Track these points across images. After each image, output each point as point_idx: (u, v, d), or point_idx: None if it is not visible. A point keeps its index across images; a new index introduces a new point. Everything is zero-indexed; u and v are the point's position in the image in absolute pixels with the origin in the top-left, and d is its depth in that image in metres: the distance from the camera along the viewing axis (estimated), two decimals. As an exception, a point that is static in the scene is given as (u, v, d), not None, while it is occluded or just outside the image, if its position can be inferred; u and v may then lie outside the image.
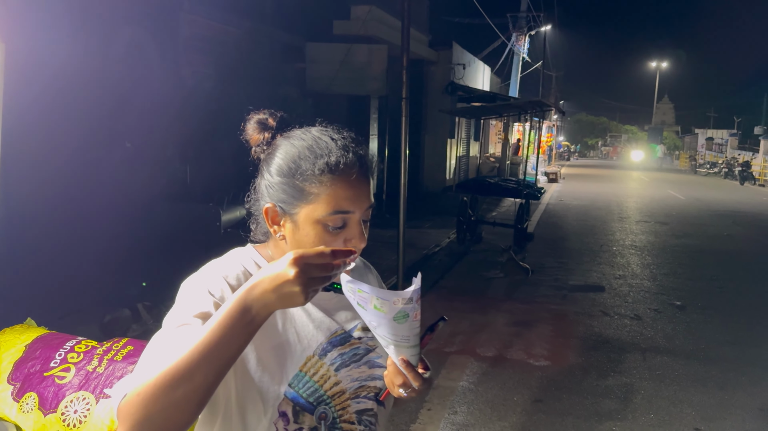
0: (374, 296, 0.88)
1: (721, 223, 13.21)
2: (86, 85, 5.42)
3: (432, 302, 6.34)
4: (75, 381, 1.67)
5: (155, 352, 0.89)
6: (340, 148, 1.00)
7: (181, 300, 0.98)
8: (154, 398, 0.81)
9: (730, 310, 6.45)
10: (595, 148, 64.82)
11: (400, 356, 0.97)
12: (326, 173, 0.98)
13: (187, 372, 0.81)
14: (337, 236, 0.99)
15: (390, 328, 0.91)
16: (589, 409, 3.99)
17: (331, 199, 0.98)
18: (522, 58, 24.93)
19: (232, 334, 0.83)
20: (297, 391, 1.00)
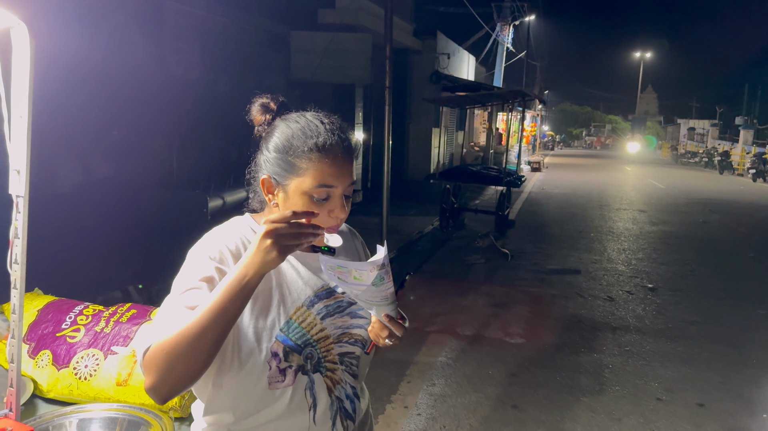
0: (353, 269, 1.05)
1: (697, 211, 13.57)
2: (72, 74, 5.52)
3: (414, 285, 6.56)
4: (85, 340, 1.86)
5: (171, 312, 1.08)
6: (328, 131, 1.19)
7: (188, 266, 1.16)
8: (175, 352, 1.00)
9: (699, 292, 6.75)
10: (579, 138, 65.29)
11: (383, 313, 1.15)
12: (314, 151, 1.16)
13: (201, 331, 1.00)
14: (322, 207, 1.17)
15: (370, 293, 1.09)
16: (560, 382, 4.23)
17: (317, 174, 1.16)
18: (506, 47, 25.14)
19: (233, 296, 1.02)
20: (287, 335, 1.19)
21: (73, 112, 5.49)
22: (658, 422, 3.69)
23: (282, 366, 1.18)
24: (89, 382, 1.81)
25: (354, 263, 1.06)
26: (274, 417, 1.19)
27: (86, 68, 5.77)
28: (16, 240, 1.30)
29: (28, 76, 1.25)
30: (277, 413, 1.19)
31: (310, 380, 1.21)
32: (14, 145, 1.28)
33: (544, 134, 44.58)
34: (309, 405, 1.21)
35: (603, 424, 3.63)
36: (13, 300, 1.33)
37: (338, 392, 1.24)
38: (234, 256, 1.17)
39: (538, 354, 4.76)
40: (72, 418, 1.72)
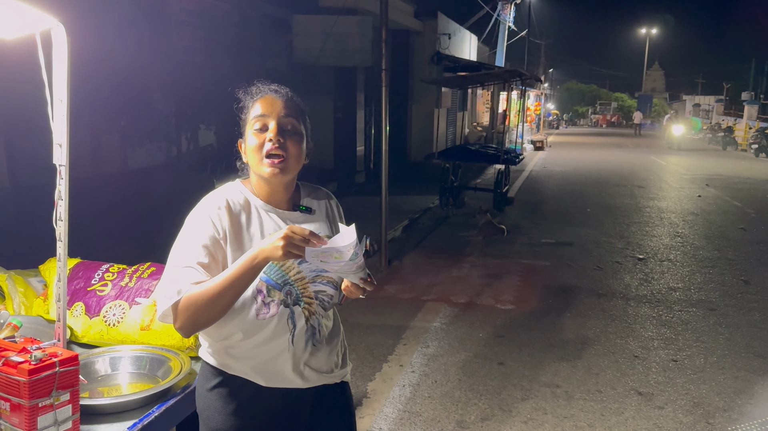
0: (334, 252, 1.34)
1: (695, 186, 13.78)
2: (80, 60, 5.80)
3: (413, 259, 6.89)
4: (112, 293, 2.19)
5: (185, 265, 1.41)
6: (264, 87, 1.54)
7: (191, 224, 1.47)
8: (200, 307, 1.37)
9: (685, 262, 7.03)
10: (585, 116, 65.05)
11: (359, 277, 1.44)
12: (252, 98, 1.52)
13: (220, 294, 1.36)
14: (262, 135, 1.48)
15: (347, 266, 1.37)
16: (544, 342, 4.55)
17: (254, 110, 1.51)
18: (508, 26, 25.15)
19: (245, 271, 1.36)
20: (269, 276, 1.50)
21: (81, 98, 5.77)
22: (632, 375, 4.00)
23: (266, 301, 1.49)
24: (117, 328, 2.14)
25: (334, 247, 1.33)
26: (261, 341, 1.51)
27: (93, 54, 6.05)
28: (59, 202, 1.61)
29: (66, 67, 1.55)
30: (264, 337, 1.51)
31: (290, 311, 1.52)
32: (56, 123, 1.58)
33: (549, 113, 44.51)
34: (290, 331, 1.53)
35: (581, 377, 3.95)
36: (59, 251, 1.64)
37: (312, 321, 1.56)
38: (229, 214, 1.48)
39: (526, 318, 5.07)
40: (104, 356, 2.04)
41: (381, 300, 5.32)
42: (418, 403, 3.59)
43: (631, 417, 3.44)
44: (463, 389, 3.78)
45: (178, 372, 1.89)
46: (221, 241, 1.45)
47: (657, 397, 3.69)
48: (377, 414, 3.46)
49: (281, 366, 1.53)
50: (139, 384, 1.96)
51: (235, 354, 1.52)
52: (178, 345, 2.07)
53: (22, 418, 1.47)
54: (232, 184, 1.58)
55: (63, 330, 1.69)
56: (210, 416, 1.55)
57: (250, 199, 1.54)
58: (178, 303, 1.37)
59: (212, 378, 1.55)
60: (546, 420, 3.40)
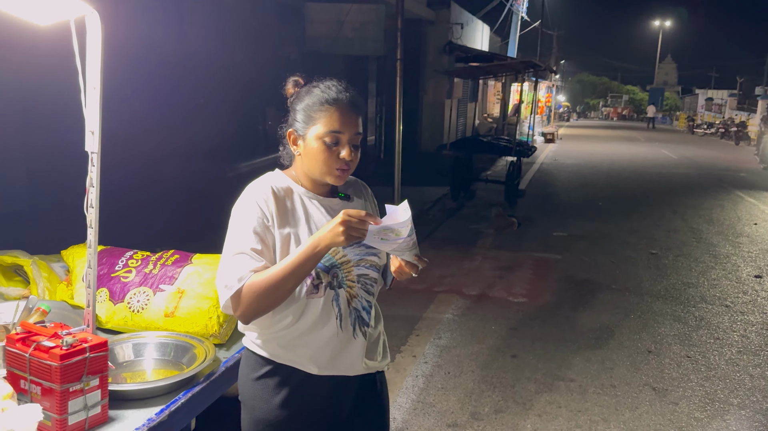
0: (393, 228, 1.37)
1: (708, 181, 13.68)
2: (111, 48, 5.81)
3: (424, 250, 6.84)
4: (136, 280, 2.20)
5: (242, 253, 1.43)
6: (338, 90, 1.51)
7: (242, 213, 1.48)
8: (263, 294, 1.40)
9: (700, 257, 6.99)
10: (595, 109, 64.62)
11: (413, 254, 1.45)
12: (325, 104, 1.49)
13: (282, 281, 1.40)
14: (333, 151, 1.49)
15: (405, 242, 1.40)
16: (557, 336, 4.55)
17: (327, 122, 1.48)
18: (521, 17, 24.96)
19: (306, 259, 1.40)
20: None
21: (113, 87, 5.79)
22: (646, 370, 4.00)
23: (315, 283, 1.52)
24: (141, 314, 2.15)
25: (395, 223, 1.36)
26: (310, 325, 1.52)
27: (109, 42, 6.06)
28: (91, 188, 1.62)
29: (99, 54, 1.55)
30: (312, 320, 1.52)
31: (336, 294, 1.55)
32: (89, 110, 1.58)
33: (560, 105, 44.24)
34: (336, 314, 1.55)
35: (595, 371, 3.95)
36: (90, 237, 1.65)
37: (355, 304, 1.57)
38: (275, 199, 1.50)
39: (539, 312, 5.07)
40: (128, 343, 2.06)
41: (393, 291, 5.28)
42: (431, 394, 3.61)
43: (645, 413, 3.44)
44: (477, 381, 3.79)
45: (203, 360, 1.91)
46: (270, 226, 1.48)
47: (671, 393, 3.68)
48: (391, 404, 3.44)
49: (333, 353, 1.55)
50: (163, 370, 1.97)
51: (284, 342, 1.54)
52: (202, 333, 2.08)
53: (53, 402, 1.49)
54: (273, 174, 1.60)
55: (92, 317, 1.71)
56: (255, 406, 1.57)
57: (292, 186, 1.56)
58: (240, 291, 1.40)
59: (259, 367, 1.57)
60: (560, 414, 3.40)
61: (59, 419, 1.49)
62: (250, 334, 1.58)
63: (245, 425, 1.59)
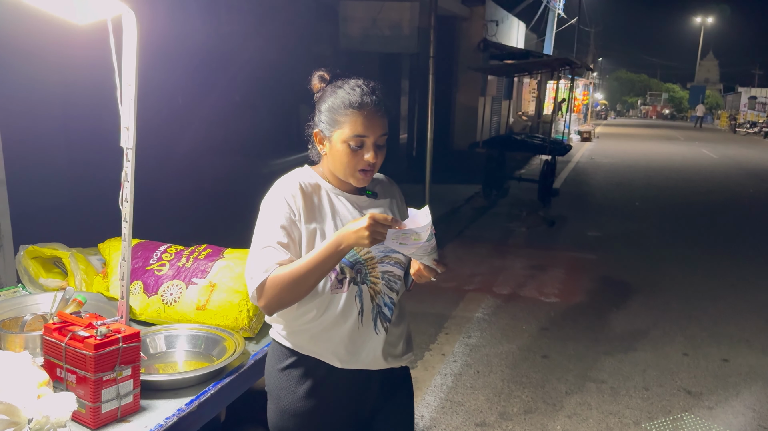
0: (413, 232, 1.38)
1: (749, 182, 13.28)
2: (146, 46, 5.94)
3: (454, 248, 6.86)
4: (170, 273, 2.25)
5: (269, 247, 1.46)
6: (363, 92, 1.51)
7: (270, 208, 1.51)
8: (287, 287, 1.42)
9: (738, 258, 6.79)
10: (634, 107, 63.31)
11: (432, 259, 1.47)
12: (350, 108, 1.49)
13: (305, 275, 1.42)
14: (357, 153, 1.50)
15: (424, 247, 1.41)
16: (590, 336, 4.49)
17: (352, 126, 1.49)
18: (557, 13, 24.60)
19: (329, 256, 1.41)
20: None
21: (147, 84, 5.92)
22: (681, 373, 3.91)
23: (339, 278, 1.54)
24: (174, 307, 2.20)
25: (414, 228, 1.38)
26: (333, 319, 1.55)
27: (147, 40, 6.18)
28: (126, 184, 1.66)
29: (135, 52, 1.59)
30: (335, 314, 1.54)
31: (359, 289, 1.56)
32: (124, 106, 1.63)
33: (597, 103, 43.47)
34: (358, 309, 1.56)
35: (628, 373, 3.88)
36: (124, 231, 1.70)
37: (378, 300, 1.58)
38: (302, 195, 1.52)
39: (571, 312, 5.00)
40: (161, 334, 2.10)
41: (423, 289, 5.28)
42: (459, 393, 3.59)
43: (679, 417, 3.36)
44: (506, 380, 3.76)
45: (233, 352, 1.94)
46: (297, 221, 1.50)
47: (706, 397, 3.60)
48: (419, 401, 3.47)
49: (354, 347, 1.57)
50: (194, 362, 2.01)
51: (308, 335, 1.57)
52: (232, 326, 2.12)
53: (88, 390, 1.54)
54: (302, 169, 1.62)
55: (126, 308, 1.75)
56: (281, 395, 1.60)
57: (320, 183, 1.58)
58: (265, 283, 1.43)
59: (284, 358, 1.60)
60: (591, 415, 3.36)
61: (93, 407, 1.54)
62: (277, 326, 1.61)
63: (271, 414, 1.62)
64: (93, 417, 1.55)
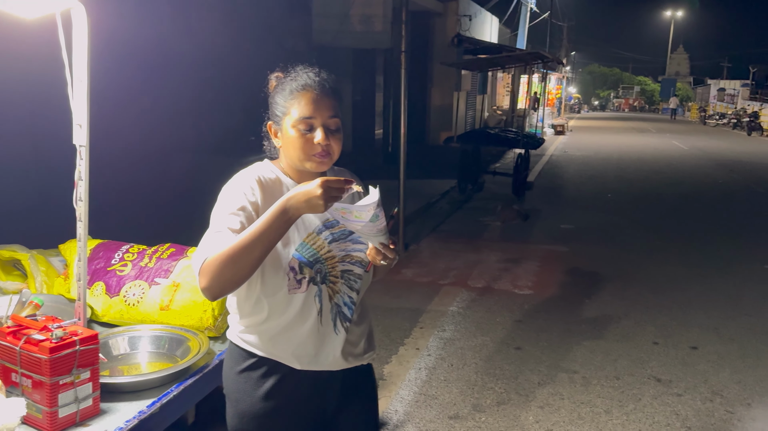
0: (354, 210, 1.35)
1: (718, 173, 13.53)
2: (100, 41, 5.82)
3: (430, 242, 6.87)
4: (132, 273, 2.20)
5: (218, 232, 1.40)
6: (308, 76, 1.49)
7: (225, 198, 1.48)
8: (228, 261, 1.33)
9: (707, 248, 6.92)
10: (607, 100, 64.07)
11: (379, 241, 1.45)
12: (295, 91, 1.47)
13: (249, 247, 1.32)
14: (308, 137, 1.47)
15: (368, 227, 1.38)
16: (562, 327, 4.53)
17: (299, 109, 1.47)
18: (530, 8, 24.76)
19: (275, 225, 1.33)
20: (301, 254, 1.51)
21: (103, 79, 5.81)
22: (651, 362, 3.97)
23: (298, 278, 1.50)
24: (137, 308, 2.16)
25: (355, 206, 1.35)
26: (291, 320, 1.52)
27: (113, 36, 6.06)
28: (80, 182, 1.62)
29: (85, 46, 1.55)
30: (293, 315, 1.51)
31: (318, 289, 1.53)
32: (76, 103, 1.58)
33: (570, 97, 43.92)
34: (317, 309, 1.53)
35: (599, 363, 3.92)
36: (79, 231, 1.66)
37: (337, 299, 1.56)
38: (261, 189, 1.49)
39: (544, 304, 5.04)
40: (124, 336, 2.07)
41: (398, 284, 5.32)
42: (434, 386, 3.60)
43: (649, 404, 3.41)
44: (480, 373, 3.77)
45: (197, 352, 1.91)
46: (253, 213, 1.45)
47: (675, 384, 3.65)
48: (393, 396, 3.47)
49: (314, 348, 1.54)
50: (158, 363, 1.98)
51: (266, 336, 1.53)
52: (197, 326, 2.09)
53: (44, 395, 1.50)
54: (262, 164, 1.59)
55: (83, 310, 1.71)
56: (239, 398, 1.56)
57: (281, 177, 1.55)
58: (205, 262, 1.34)
59: (242, 360, 1.56)
60: (563, 406, 3.39)
61: (50, 412, 1.50)
62: (235, 327, 1.58)
63: (230, 418, 1.59)
64: (50, 421, 1.51)
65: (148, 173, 5.85)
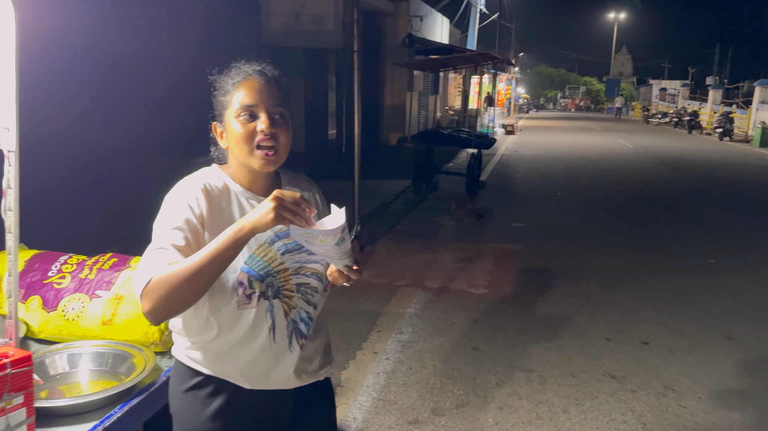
0: (320, 235, 1.26)
1: (662, 170, 13.99)
2: (39, 39, 5.55)
3: (386, 243, 6.83)
4: (71, 286, 2.07)
5: (161, 249, 1.29)
6: (250, 67, 1.42)
7: (168, 209, 1.37)
8: (176, 284, 1.23)
9: (653, 243, 7.11)
10: (554, 101, 65.57)
11: (344, 264, 1.37)
12: (237, 83, 1.40)
13: (198, 269, 1.23)
14: (251, 127, 1.38)
15: (334, 251, 1.30)
16: (517, 326, 4.55)
17: (239, 98, 1.39)
18: (479, 9, 25.07)
19: (228, 244, 1.24)
20: (251, 267, 1.42)
21: (41, 79, 5.53)
22: (605, 358, 4.02)
23: (248, 292, 1.40)
24: (76, 323, 2.02)
25: (320, 230, 1.26)
26: (241, 337, 1.42)
27: (55, 33, 5.78)
28: (9, 190, 1.49)
29: (13, 43, 1.43)
30: (243, 332, 1.42)
31: (270, 304, 1.44)
32: (3, 105, 1.45)
33: (519, 97, 44.75)
34: (269, 326, 1.44)
35: (555, 361, 3.96)
36: (9, 243, 1.52)
37: (293, 315, 1.48)
38: (207, 198, 1.39)
39: (499, 302, 5.07)
40: (62, 353, 1.93)
41: (354, 286, 5.19)
42: (392, 391, 3.55)
43: (605, 401, 3.45)
44: (438, 375, 3.75)
45: (142, 369, 1.80)
46: (198, 226, 1.35)
47: (629, 380, 3.71)
48: (351, 403, 3.40)
49: (265, 367, 1.45)
50: (100, 381, 1.86)
51: (214, 354, 1.44)
52: (142, 340, 1.97)
53: (-29, 424, 1.37)
54: (209, 169, 1.49)
55: (15, 329, 1.58)
56: (185, 419, 1.47)
57: (229, 184, 1.46)
58: (149, 284, 1.24)
59: (188, 379, 1.46)
60: (521, 406, 3.39)
61: (-23, 442, 1.38)
62: (180, 344, 1.48)
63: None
64: (-22, 453, 1.38)
65: (89, 177, 5.60)
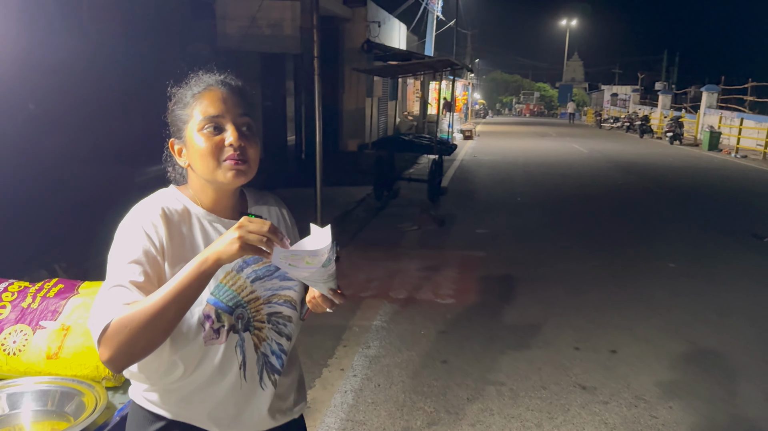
0: (305, 256, 1.14)
1: (616, 174, 14.27)
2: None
3: (349, 253, 6.69)
4: (12, 317, 1.87)
5: (118, 287, 1.14)
6: (211, 78, 1.29)
7: (123, 240, 1.22)
8: (139, 326, 1.08)
9: (613, 248, 7.19)
10: (510, 106, 66.64)
11: (328, 287, 1.24)
12: (197, 94, 1.27)
13: (162, 310, 1.09)
14: (216, 140, 1.25)
15: (318, 273, 1.17)
16: (485, 335, 4.49)
17: (201, 109, 1.26)
18: (436, 16, 25.24)
19: (191, 280, 1.10)
20: (218, 298, 1.28)
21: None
22: (574, 369, 3.99)
23: (215, 327, 1.26)
24: (18, 357, 1.83)
25: (307, 251, 1.14)
26: (208, 376, 1.28)
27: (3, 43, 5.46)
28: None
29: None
30: (211, 371, 1.27)
31: (240, 338, 1.30)
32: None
33: (476, 102, 45.30)
34: (239, 362, 1.30)
35: (525, 373, 3.90)
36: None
37: (264, 348, 1.34)
38: (166, 224, 1.24)
39: (466, 312, 5.00)
40: (2, 393, 1.74)
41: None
42: (361, 410, 3.42)
43: (578, 414, 3.40)
44: (407, 392, 3.64)
45: (93, 408, 1.63)
46: (157, 256, 1.21)
47: (600, 391, 3.68)
48: (318, 425, 3.26)
49: (235, 408, 1.31)
50: (45, 423, 1.68)
51: (178, 396, 1.29)
52: (92, 375, 1.79)
53: None
54: (167, 191, 1.34)
55: (-56, 372, 1.39)
56: None
57: (189, 207, 1.31)
58: (108, 329, 1.09)
59: (147, 424, 1.31)
60: (493, 422, 3.31)
61: None
62: (138, 385, 1.33)
63: None
64: None
65: (34, 190, 5.29)
